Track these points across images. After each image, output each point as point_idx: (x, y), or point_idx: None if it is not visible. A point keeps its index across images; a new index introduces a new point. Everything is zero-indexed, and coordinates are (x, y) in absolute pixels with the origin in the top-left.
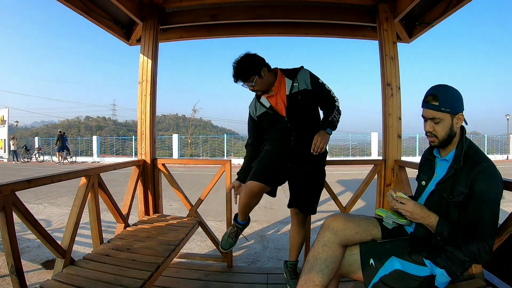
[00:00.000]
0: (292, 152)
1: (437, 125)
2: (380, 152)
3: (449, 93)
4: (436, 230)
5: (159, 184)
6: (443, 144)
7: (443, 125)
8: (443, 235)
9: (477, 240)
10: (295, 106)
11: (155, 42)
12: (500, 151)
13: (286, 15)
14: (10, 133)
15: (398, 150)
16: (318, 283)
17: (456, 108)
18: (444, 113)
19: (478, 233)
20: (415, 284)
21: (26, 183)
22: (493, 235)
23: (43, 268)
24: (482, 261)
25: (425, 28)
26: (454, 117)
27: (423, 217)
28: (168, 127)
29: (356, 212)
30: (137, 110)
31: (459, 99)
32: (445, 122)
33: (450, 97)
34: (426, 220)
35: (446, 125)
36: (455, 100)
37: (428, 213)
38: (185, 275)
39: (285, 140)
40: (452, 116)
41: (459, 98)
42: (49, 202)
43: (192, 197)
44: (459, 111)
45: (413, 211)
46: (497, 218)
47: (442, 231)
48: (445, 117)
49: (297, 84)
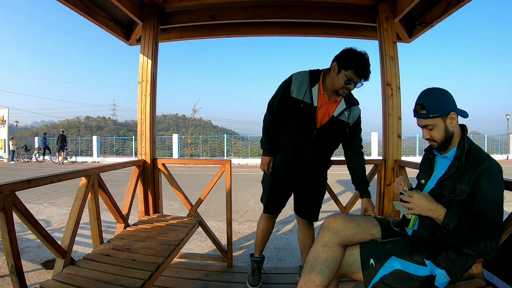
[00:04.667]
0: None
1: (432, 131)
2: (380, 152)
3: (434, 98)
4: (442, 223)
5: (159, 184)
6: (443, 146)
7: (437, 129)
8: (449, 228)
9: (484, 237)
10: (331, 129)
11: (155, 42)
12: (500, 151)
13: (286, 15)
14: (10, 133)
15: (398, 150)
16: (318, 283)
17: (445, 110)
18: (434, 119)
19: (484, 231)
20: (415, 284)
21: (26, 183)
22: (499, 233)
23: (43, 268)
24: (489, 257)
25: (425, 28)
26: (446, 118)
27: (430, 209)
28: (168, 127)
29: (356, 212)
30: (137, 110)
31: (447, 100)
32: (438, 126)
33: (436, 102)
34: (434, 213)
35: (440, 128)
36: (442, 102)
37: (435, 205)
38: (185, 275)
39: (301, 144)
40: (443, 118)
41: (446, 99)
42: (49, 202)
43: (192, 197)
44: (450, 111)
45: (418, 205)
46: (501, 216)
47: (448, 224)
48: (436, 122)
49: (347, 113)
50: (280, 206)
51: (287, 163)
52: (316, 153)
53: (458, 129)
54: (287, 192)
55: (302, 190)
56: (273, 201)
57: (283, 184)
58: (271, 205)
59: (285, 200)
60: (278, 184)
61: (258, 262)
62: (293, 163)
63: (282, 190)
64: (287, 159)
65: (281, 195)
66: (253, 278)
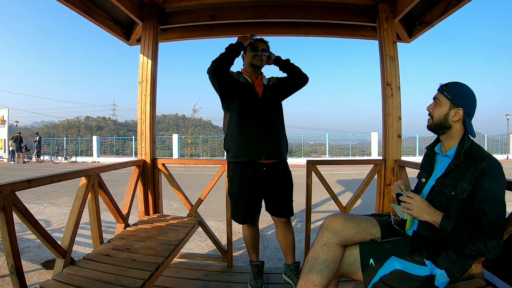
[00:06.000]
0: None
1: (436, 106)
2: (380, 152)
3: (460, 88)
4: (440, 226)
5: (159, 184)
6: (434, 128)
7: (440, 109)
8: (447, 230)
9: (482, 237)
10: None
11: (155, 42)
12: (500, 151)
13: (286, 15)
14: (10, 133)
15: (398, 150)
16: (318, 283)
17: (459, 101)
18: (445, 98)
19: (485, 230)
20: (415, 284)
21: (26, 183)
22: (501, 231)
23: (43, 268)
24: (492, 256)
25: (425, 28)
26: (453, 108)
27: (429, 212)
28: (168, 127)
29: (356, 212)
30: (137, 110)
31: (467, 97)
32: (442, 107)
33: (458, 90)
34: (432, 217)
35: (443, 110)
36: (461, 95)
37: (433, 210)
38: (185, 275)
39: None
40: (451, 105)
41: (466, 95)
42: (49, 202)
43: (192, 197)
44: (460, 105)
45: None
46: (504, 214)
47: (446, 227)
48: (444, 102)
49: (272, 81)
50: (254, 210)
51: (249, 146)
52: (270, 123)
53: (461, 129)
54: (257, 193)
55: (270, 187)
56: (246, 206)
57: (250, 184)
58: (245, 211)
59: (257, 203)
60: (244, 186)
61: (259, 266)
62: (254, 140)
63: (251, 191)
64: (247, 141)
65: (251, 197)
66: (255, 281)
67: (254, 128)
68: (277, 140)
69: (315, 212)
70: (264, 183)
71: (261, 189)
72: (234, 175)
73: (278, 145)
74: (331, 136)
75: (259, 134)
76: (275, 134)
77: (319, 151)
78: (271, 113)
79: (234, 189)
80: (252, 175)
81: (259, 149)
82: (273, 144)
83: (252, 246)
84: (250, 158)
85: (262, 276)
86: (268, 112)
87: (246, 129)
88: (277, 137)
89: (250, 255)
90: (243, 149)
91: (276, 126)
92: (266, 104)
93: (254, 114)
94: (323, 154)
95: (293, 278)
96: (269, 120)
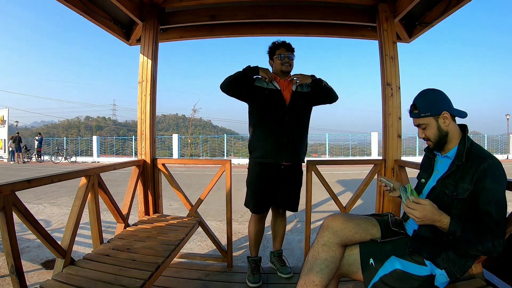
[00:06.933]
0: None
1: (425, 130)
2: (380, 152)
3: (426, 98)
4: (449, 230)
5: (159, 184)
6: (438, 145)
7: (430, 128)
8: (456, 235)
9: (491, 236)
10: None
11: (155, 42)
12: (500, 151)
13: (286, 15)
14: (10, 133)
15: (398, 150)
16: (318, 283)
17: (437, 109)
18: (426, 118)
19: (491, 230)
20: (415, 284)
21: (26, 183)
22: (504, 230)
23: (43, 268)
24: (497, 254)
25: (425, 28)
26: (438, 118)
27: (435, 220)
28: (168, 127)
29: (356, 212)
30: (137, 110)
31: (439, 99)
32: (431, 126)
33: (427, 102)
34: (438, 223)
35: (432, 127)
36: (433, 102)
37: (440, 216)
38: (185, 275)
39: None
40: (435, 118)
41: (438, 99)
42: (49, 202)
43: (192, 197)
44: (442, 111)
45: (423, 217)
46: (506, 213)
47: (455, 231)
48: (428, 121)
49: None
50: (267, 202)
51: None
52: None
53: (456, 128)
54: (271, 186)
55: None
56: (261, 196)
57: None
58: (259, 201)
59: (270, 196)
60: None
61: (256, 261)
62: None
63: (266, 184)
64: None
65: (265, 189)
66: (253, 276)
67: (278, 133)
68: (298, 146)
69: (315, 212)
70: (279, 180)
71: (276, 184)
72: (254, 169)
73: (299, 151)
74: (331, 136)
75: (283, 138)
76: (297, 139)
77: (319, 151)
78: (296, 119)
79: (252, 180)
80: (270, 174)
81: (280, 153)
82: (294, 150)
83: (256, 240)
84: (271, 161)
85: (259, 271)
86: (293, 118)
87: (270, 134)
88: (299, 142)
89: (251, 249)
90: (265, 153)
91: (299, 131)
92: (292, 109)
93: (279, 119)
94: (323, 154)
95: (275, 264)
96: (294, 126)
